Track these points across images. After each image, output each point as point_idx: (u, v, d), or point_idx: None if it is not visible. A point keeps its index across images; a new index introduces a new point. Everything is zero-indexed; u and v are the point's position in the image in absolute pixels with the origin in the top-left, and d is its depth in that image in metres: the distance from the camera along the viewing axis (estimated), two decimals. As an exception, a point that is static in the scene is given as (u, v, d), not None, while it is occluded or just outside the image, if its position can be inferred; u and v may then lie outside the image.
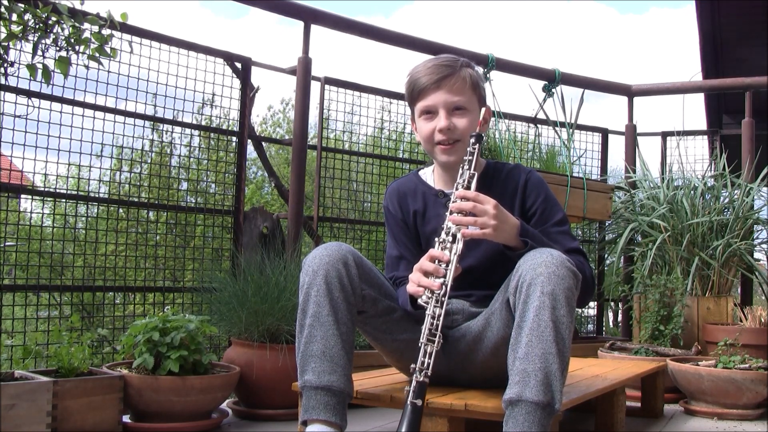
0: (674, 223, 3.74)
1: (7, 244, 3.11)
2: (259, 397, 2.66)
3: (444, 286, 1.59)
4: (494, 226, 1.62)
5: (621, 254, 4.48)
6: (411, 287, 1.65)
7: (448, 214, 1.66)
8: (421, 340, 1.56)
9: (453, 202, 1.66)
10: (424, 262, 1.64)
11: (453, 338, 1.80)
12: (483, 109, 1.86)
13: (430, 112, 1.83)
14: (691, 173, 4.41)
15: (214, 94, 3.30)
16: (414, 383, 1.52)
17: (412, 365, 1.54)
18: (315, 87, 3.56)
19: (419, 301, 1.62)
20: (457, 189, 1.69)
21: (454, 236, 1.63)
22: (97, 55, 2.46)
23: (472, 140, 1.74)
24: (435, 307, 1.58)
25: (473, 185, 1.69)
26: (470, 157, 1.72)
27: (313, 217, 3.61)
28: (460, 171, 1.71)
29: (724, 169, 4.02)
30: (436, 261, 1.63)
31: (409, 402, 1.50)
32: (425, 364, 1.53)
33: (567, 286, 1.54)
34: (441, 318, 1.57)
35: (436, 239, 1.67)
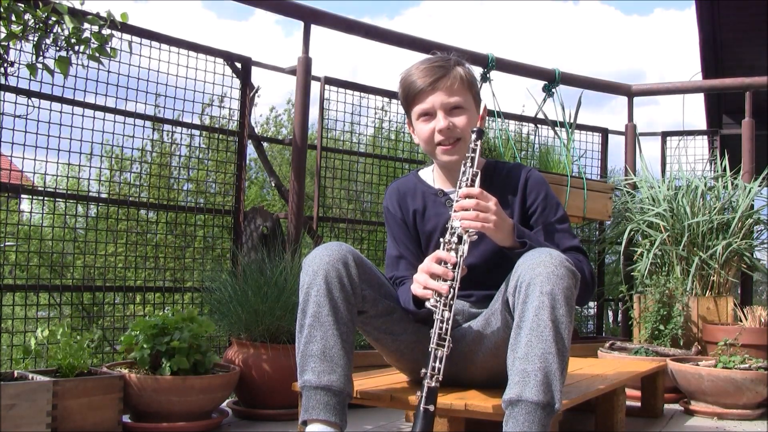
0: (674, 223, 3.75)
1: (7, 244, 3.11)
2: (259, 397, 2.66)
3: (452, 289, 1.59)
4: (495, 221, 1.62)
5: (621, 254, 4.48)
6: (418, 289, 1.64)
7: (452, 213, 1.66)
8: (431, 345, 1.55)
9: (457, 200, 1.66)
10: (432, 265, 1.63)
11: (453, 339, 1.80)
12: (480, 106, 1.86)
13: (428, 114, 1.83)
14: (692, 173, 4.41)
15: (214, 94, 3.30)
16: (425, 389, 1.51)
17: (423, 370, 1.54)
18: (315, 87, 3.56)
19: (427, 304, 1.61)
20: (460, 187, 1.69)
21: (460, 237, 1.63)
22: (97, 55, 2.46)
23: (474, 136, 1.74)
24: (443, 310, 1.58)
25: (477, 182, 1.69)
26: (473, 154, 1.72)
27: (313, 217, 3.61)
28: (463, 168, 1.71)
29: (724, 169, 4.03)
30: (442, 263, 1.62)
31: (421, 408, 1.50)
32: (436, 369, 1.53)
33: (566, 285, 1.53)
34: (450, 321, 1.57)
35: (441, 240, 1.66)
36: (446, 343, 1.55)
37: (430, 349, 1.55)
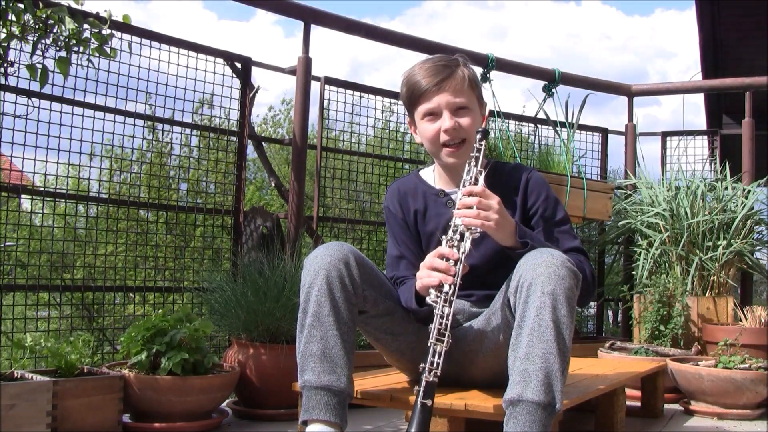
0: (674, 223, 3.74)
1: (7, 244, 3.11)
2: (259, 397, 2.66)
3: (453, 285, 1.59)
4: (496, 220, 1.62)
5: (621, 255, 4.48)
6: (420, 283, 1.64)
7: (455, 210, 1.66)
8: (430, 340, 1.55)
9: (460, 198, 1.66)
10: (434, 260, 1.63)
11: (454, 338, 1.80)
12: (483, 107, 1.86)
13: (433, 114, 1.83)
14: (692, 173, 4.41)
15: (213, 94, 3.30)
16: (423, 383, 1.51)
17: (422, 365, 1.54)
18: (315, 87, 3.56)
19: (428, 299, 1.61)
20: (464, 186, 1.69)
21: (462, 234, 1.63)
22: (97, 55, 2.46)
23: (479, 136, 1.73)
24: (444, 306, 1.58)
25: (481, 181, 1.69)
26: (477, 154, 1.72)
27: (313, 217, 3.61)
28: (467, 168, 1.71)
29: (723, 169, 4.03)
30: (445, 259, 1.62)
31: (419, 402, 1.50)
32: (434, 364, 1.53)
33: (567, 286, 1.53)
34: (450, 317, 1.57)
35: (444, 237, 1.66)
36: (446, 339, 1.55)
37: (429, 344, 1.55)
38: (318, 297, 1.61)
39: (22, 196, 2.83)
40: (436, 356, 1.54)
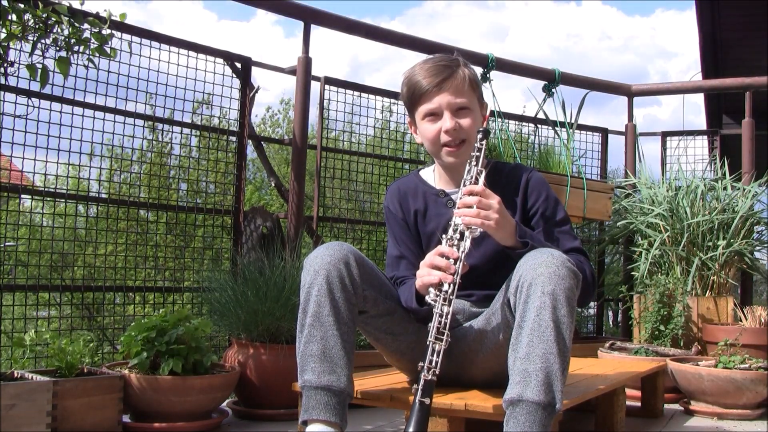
0: (674, 223, 3.75)
1: (7, 244, 3.11)
2: (259, 397, 2.66)
3: (452, 284, 1.59)
4: (496, 220, 1.62)
5: (621, 255, 4.48)
6: (420, 281, 1.65)
7: (455, 209, 1.66)
8: (429, 339, 1.56)
9: (460, 197, 1.66)
10: (435, 258, 1.63)
11: (454, 338, 1.80)
12: (483, 107, 1.87)
13: (433, 114, 1.83)
14: (692, 173, 4.41)
15: (213, 94, 3.30)
16: (422, 381, 1.52)
17: (420, 363, 1.54)
18: (315, 87, 3.56)
19: (427, 298, 1.61)
20: (464, 185, 1.69)
21: (462, 233, 1.63)
22: (97, 55, 2.46)
23: (480, 136, 1.74)
24: (443, 305, 1.58)
25: (481, 180, 1.69)
26: (478, 153, 1.72)
27: (312, 217, 3.61)
28: (468, 167, 1.72)
29: (723, 168, 4.03)
30: (445, 257, 1.62)
31: (417, 400, 1.50)
32: (433, 363, 1.53)
33: (567, 286, 1.53)
34: (449, 316, 1.57)
35: (444, 236, 1.66)
36: (444, 337, 1.55)
37: (428, 343, 1.55)
38: (318, 297, 1.61)
39: (23, 196, 2.82)
40: (435, 355, 1.54)
